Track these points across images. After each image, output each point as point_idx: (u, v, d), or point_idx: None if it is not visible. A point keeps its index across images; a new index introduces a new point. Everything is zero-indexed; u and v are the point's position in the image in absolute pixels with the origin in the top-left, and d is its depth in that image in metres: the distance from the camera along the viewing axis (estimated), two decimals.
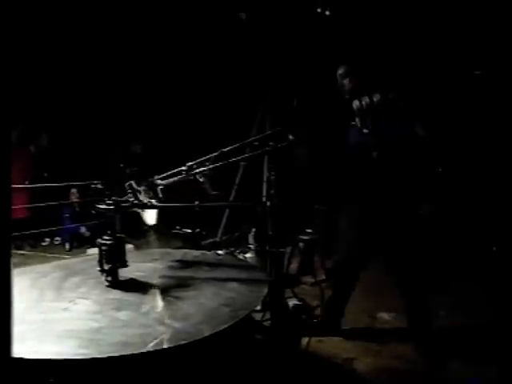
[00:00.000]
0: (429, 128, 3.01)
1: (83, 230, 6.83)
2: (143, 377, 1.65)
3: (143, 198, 2.42)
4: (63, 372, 1.56)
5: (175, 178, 2.41)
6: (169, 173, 2.46)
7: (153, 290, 2.21)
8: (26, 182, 6.81)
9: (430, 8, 5.51)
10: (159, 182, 2.44)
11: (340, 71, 3.19)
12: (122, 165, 7.10)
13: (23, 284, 2.33)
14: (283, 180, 2.46)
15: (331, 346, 3.27)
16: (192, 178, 2.37)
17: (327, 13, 6.41)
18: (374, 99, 2.47)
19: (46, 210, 6.50)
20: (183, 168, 2.39)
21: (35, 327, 1.78)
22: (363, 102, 2.49)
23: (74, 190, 6.96)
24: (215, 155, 2.37)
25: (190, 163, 2.39)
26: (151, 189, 2.44)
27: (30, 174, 6.90)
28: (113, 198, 2.28)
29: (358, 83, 3.04)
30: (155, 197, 2.45)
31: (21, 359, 1.50)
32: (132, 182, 2.41)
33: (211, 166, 2.34)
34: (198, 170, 2.36)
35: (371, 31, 5.72)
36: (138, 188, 2.41)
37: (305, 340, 2.70)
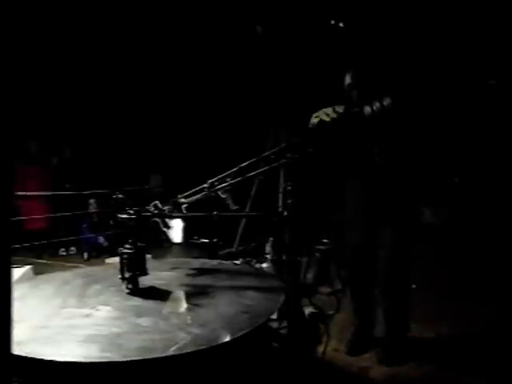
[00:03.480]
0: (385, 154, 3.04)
1: (101, 239, 6.94)
2: (164, 381, 1.69)
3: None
4: (86, 374, 1.62)
5: (198, 196, 2.47)
6: (191, 191, 2.52)
7: (172, 298, 2.26)
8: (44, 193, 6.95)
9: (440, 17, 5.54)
10: (183, 200, 2.51)
11: (348, 81, 3.18)
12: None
13: (47, 291, 2.40)
14: (300, 190, 2.50)
15: (347, 354, 3.29)
16: (214, 194, 2.42)
17: (341, 25, 6.48)
18: (385, 103, 2.48)
19: (65, 220, 6.65)
20: (205, 185, 2.45)
21: (60, 332, 1.84)
22: (374, 108, 2.49)
23: (92, 201, 7.09)
24: (235, 170, 2.42)
25: (212, 180, 2.45)
26: (176, 208, 2.50)
27: (47, 186, 7.03)
28: (134, 207, 2.35)
29: (367, 91, 2.99)
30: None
31: (45, 361, 1.56)
32: (157, 202, 2.49)
33: (232, 182, 2.39)
34: (219, 186, 2.41)
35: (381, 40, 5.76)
36: (163, 208, 2.48)
37: (321, 348, 2.72)
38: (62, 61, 7.28)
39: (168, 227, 2.53)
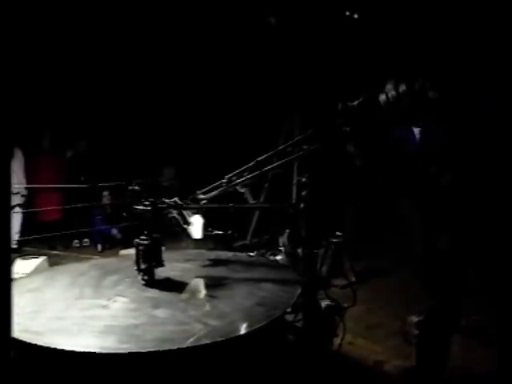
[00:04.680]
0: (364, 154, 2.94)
1: (115, 231, 6.97)
2: (181, 371, 1.69)
3: (187, 214, 2.49)
4: (104, 365, 1.62)
5: (216, 192, 2.45)
6: (209, 187, 2.50)
7: (188, 289, 2.26)
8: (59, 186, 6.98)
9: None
10: (202, 196, 2.50)
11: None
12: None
13: (63, 282, 2.41)
14: (315, 182, 2.48)
15: (362, 348, 3.27)
16: (232, 189, 2.40)
17: (355, 16, 6.42)
18: (400, 90, 2.31)
19: (79, 212, 6.67)
20: (223, 180, 2.43)
21: (77, 322, 1.84)
22: (389, 95, 2.39)
23: (105, 193, 7.11)
24: (252, 165, 2.39)
25: (229, 175, 2.43)
26: (195, 204, 2.49)
27: (62, 178, 7.06)
28: (149, 199, 2.34)
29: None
30: (199, 212, 2.51)
31: (64, 351, 1.57)
32: (176, 198, 2.48)
33: (250, 176, 2.37)
34: (237, 181, 2.39)
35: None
36: (183, 204, 2.47)
37: (336, 341, 2.71)
38: (79, 56, 7.29)
39: (188, 224, 2.52)
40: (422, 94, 2.41)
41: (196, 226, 2.53)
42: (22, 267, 4.03)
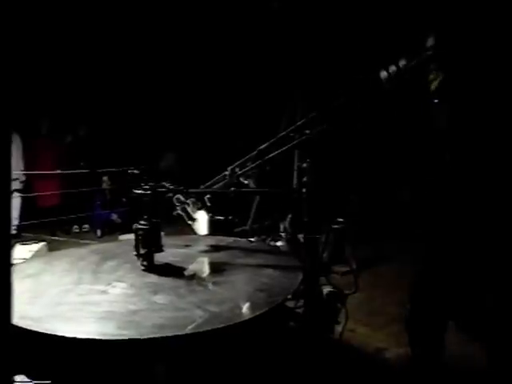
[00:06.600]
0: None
1: (114, 216, 6.95)
2: (181, 358, 1.66)
3: (192, 210, 2.45)
4: (103, 351, 1.60)
5: (220, 184, 2.41)
6: (213, 180, 2.46)
7: (188, 275, 2.23)
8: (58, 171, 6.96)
9: None
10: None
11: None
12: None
13: (62, 267, 2.38)
14: (317, 167, 2.44)
15: (363, 335, 3.26)
16: (236, 181, 2.36)
17: None
18: (400, 64, 2.15)
19: (78, 198, 6.66)
20: (226, 172, 2.40)
21: (75, 308, 1.82)
22: (390, 71, 2.16)
23: (105, 178, 7.08)
24: (254, 154, 2.35)
25: (232, 166, 2.38)
26: (199, 200, 2.46)
27: (61, 164, 7.03)
28: (149, 183, 2.31)
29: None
30: (204, 207, 2.48)
31: (62, 338, 1.54)
32: (179, 195, 2.44)
33: (253, 165, 2.32)
34: (240, 172, 2.35)
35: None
36: (186, 201, 2.44)
37: (338, 328, 2.69)
38: (78, 41, 7.23)
39: (193, 220, 2.49)
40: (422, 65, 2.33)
41: (201, 222, 2.51)
42: (21, 252, 4.02)
